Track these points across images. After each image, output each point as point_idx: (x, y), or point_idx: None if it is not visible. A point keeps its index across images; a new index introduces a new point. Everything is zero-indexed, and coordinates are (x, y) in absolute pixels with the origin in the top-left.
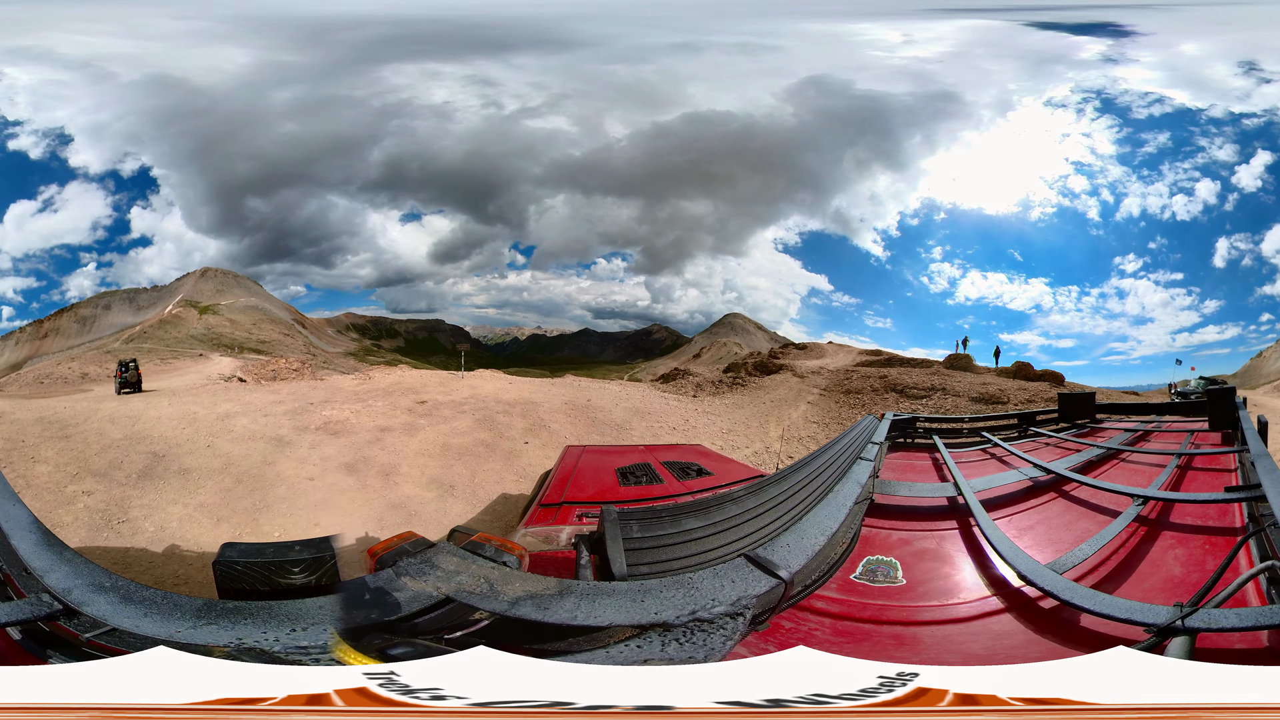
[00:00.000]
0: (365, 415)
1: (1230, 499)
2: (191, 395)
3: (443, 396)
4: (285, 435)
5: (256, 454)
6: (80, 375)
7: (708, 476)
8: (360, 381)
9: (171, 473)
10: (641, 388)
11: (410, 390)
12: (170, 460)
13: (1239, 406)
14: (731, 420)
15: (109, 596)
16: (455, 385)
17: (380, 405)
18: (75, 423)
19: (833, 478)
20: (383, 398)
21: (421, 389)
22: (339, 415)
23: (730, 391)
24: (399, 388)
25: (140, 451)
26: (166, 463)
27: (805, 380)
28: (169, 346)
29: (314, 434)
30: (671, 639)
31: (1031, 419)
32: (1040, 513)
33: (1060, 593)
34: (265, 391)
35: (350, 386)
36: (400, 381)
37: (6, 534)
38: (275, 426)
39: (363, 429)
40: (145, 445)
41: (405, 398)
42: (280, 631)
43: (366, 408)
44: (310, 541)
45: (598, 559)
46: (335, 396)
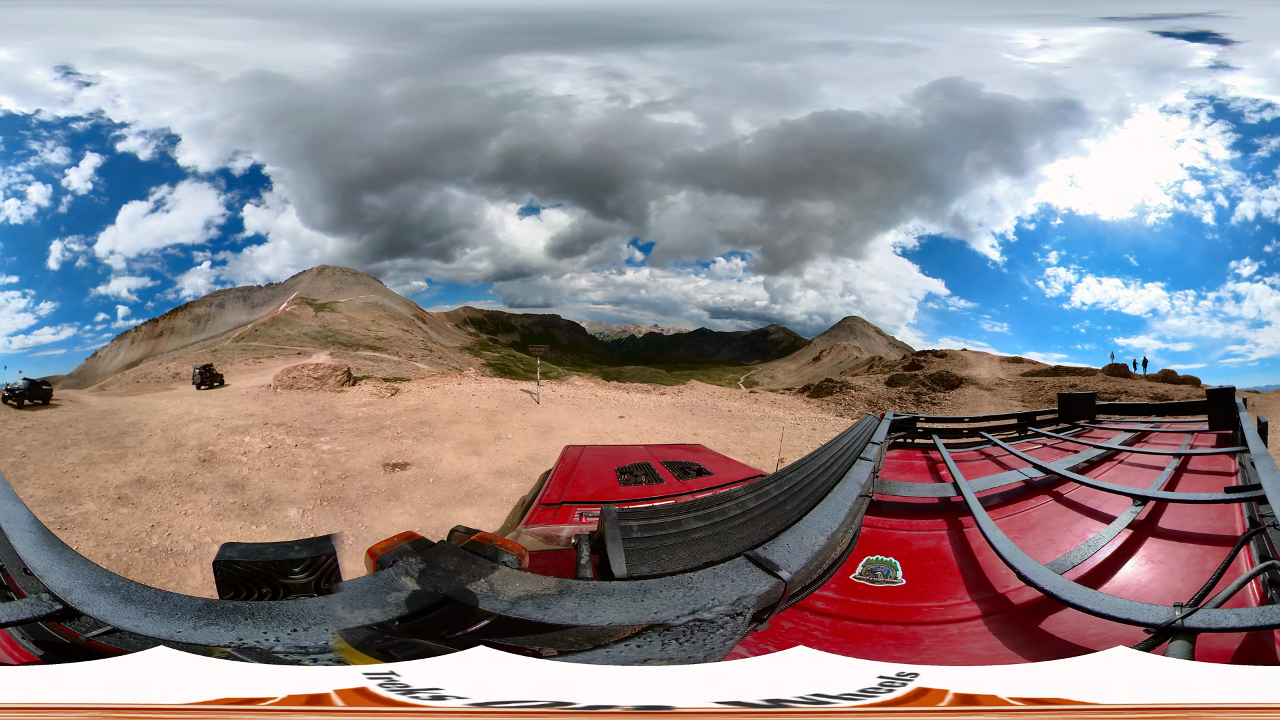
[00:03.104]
0: (267, 472)
1: (1230, 499)
2: (195, 398)
3: (458, 461)
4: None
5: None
6: (172, 375)
7: (708, 476)
8: (370, 401)
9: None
10: (799, 409)
11: (417, 429)
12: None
13: (1239, 407)
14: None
15: (109, 596)
16: (508, 423)
17: (329, 448)
18: (121, 412)
19: (833, 477)
20: (355, 438)
21: (437, 428)
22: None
23: (927, 412)
24: (404, 421)
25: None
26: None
27: (995, 394)
28: (277, 344)
29: (196, 467)
30: (671, 639)
31: (1031, 419)
32: (1040, 513)
33: (1060, 593)
34: (260, 402)
35: (350, 409)
36: (423, 408)
37: (6, 534)
38: (192, 444)
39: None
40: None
41: (387, 443)
42: (280, 631)
43: (302, 451)
44: (310, 541)
45: (598, 559)
46: (278, 424)
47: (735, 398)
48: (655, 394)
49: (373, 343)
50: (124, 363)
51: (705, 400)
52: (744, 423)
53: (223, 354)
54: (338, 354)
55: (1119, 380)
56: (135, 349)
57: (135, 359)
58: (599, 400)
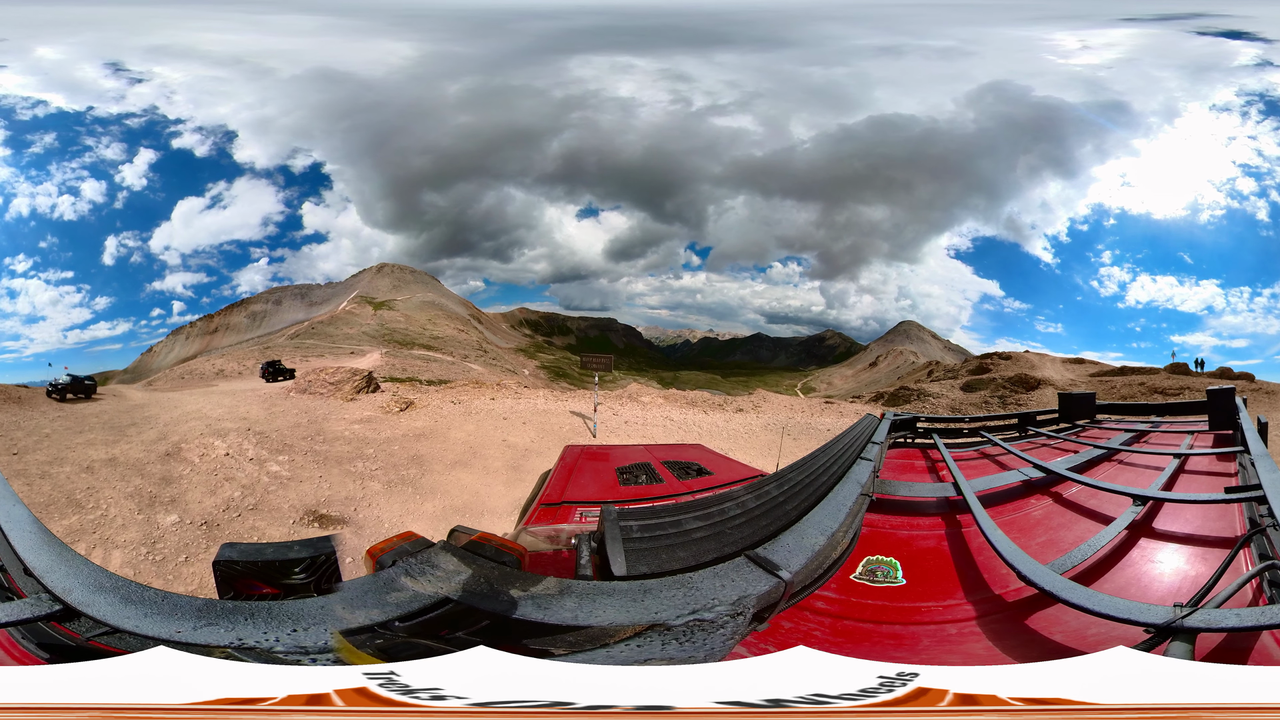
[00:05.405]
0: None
1: (1230, 499)
2: (207, 395)
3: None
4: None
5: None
6: (216, 371)
7: (708, 476)
8: (371, 417)
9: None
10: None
11: (400, 467)
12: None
13: (1239, 408)
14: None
15: (109, 596)
16: (543, 470)
17: (277, 470)
18: (150, 406)
19: (833, 477)
20: (314, 465)
21: (430, 470)
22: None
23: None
24: (391, 452)
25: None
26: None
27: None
28: (333, 343)
29: (158, 458)
30: (672, 639)
31: (1031, 419)
32: (1040, 512)
33: (1060, 592)
34: (265, 405)
35: (342, 425)
36: (428, 434)
37: (6, 534)
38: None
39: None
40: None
41: (344, 481)
42: (280, 631)
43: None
44: (310, 541)
45: (598, 559)
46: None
47: (814, 410)
48: (732, 410)
49: (428, 342)
50: (178, 358)
51: (792, 417)
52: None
53: (274, 351)
54: (391, 354)
55: (1181, 378)
56: (190, 344)
57: (189, 354)
58: (674, 425)
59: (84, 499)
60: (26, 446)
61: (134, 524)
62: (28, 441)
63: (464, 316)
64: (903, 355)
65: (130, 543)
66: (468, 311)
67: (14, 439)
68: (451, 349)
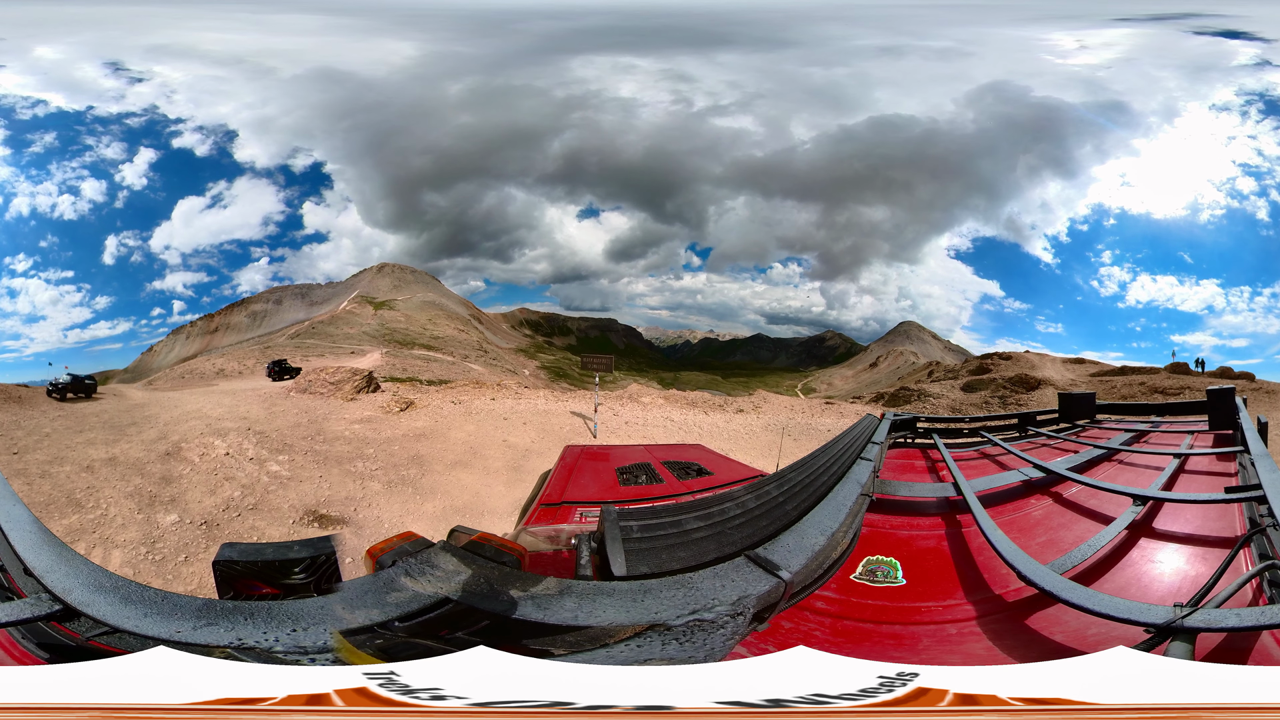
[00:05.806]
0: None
1: (1230, 499)
2: (198, 395)
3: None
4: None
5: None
6: (216, 371)
7: (708, 476)
8: (371, 417)
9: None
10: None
11: (401, 467)
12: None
13: (1239, 407)
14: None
15: (109, 596)
16: (544, 469)
17: (277, 469)
18: (150, 405)
19: (833, 477)
20: (314, 464)
21: (430, 470)
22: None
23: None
24: (392, 452)
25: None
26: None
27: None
28: (333, 342)
29: (158, 457)
30: (672, 639)
31: (1031, 419)
32: (1040, 512)
33: (1060, 592)
34: (266, 405)
35: (342, 425)
36: (429, 434)
37: (6, 534)
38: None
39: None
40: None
41: (345, 481)
42: (280, 631)
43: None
44: (310, 541)
45: (598, 559)
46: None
47: (814, 411)
48: (732, 411)
49: (428, 342)
50: (178, 357)
51: (792, 418)
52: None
53: (275, 351)
54: (392, 354)
55: (1181, 377)
56: (190, 344)
57: (190, 354)
58: (675, 425)
59: (84, 498)
60: (27, 446)
61: (134, 523)
62: (28, 441)
63: (464, 316)
64: (903, 356)
65: (130, 542)
66: (468, 311)
67: (14, 438)
68: (452, 349)
